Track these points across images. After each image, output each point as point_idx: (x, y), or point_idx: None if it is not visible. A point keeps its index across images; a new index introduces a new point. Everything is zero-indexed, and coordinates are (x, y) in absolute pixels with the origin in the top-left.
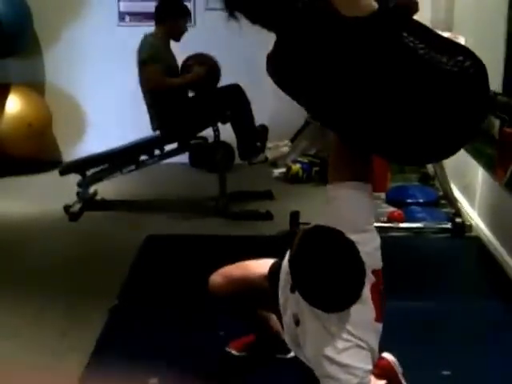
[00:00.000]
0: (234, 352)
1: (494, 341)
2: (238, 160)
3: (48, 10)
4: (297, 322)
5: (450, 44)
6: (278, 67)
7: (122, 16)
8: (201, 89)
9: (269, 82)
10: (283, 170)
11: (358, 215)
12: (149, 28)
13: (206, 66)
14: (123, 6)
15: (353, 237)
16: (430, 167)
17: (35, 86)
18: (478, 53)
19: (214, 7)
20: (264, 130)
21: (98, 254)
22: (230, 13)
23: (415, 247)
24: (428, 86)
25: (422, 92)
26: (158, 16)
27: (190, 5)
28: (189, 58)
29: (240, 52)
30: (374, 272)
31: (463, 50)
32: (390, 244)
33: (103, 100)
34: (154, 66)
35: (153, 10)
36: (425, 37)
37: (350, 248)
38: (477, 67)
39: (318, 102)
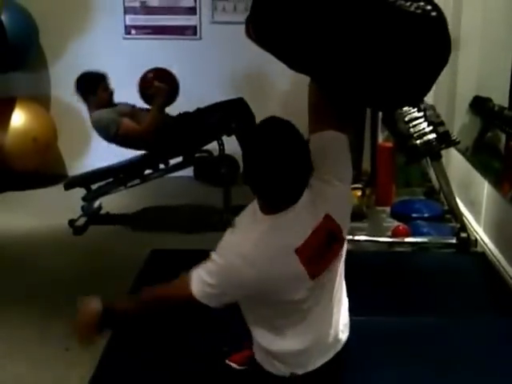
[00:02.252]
0: (234, 366)
1: (497, 357)
2: None
3: (54, 24)
4: None
5: None
6: (260, 25)
7: (128, 29)
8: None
9: (274, 96)
10: None
11: (334, 162)
12: (154, 41)
13: (165, 83)
14: (129, 20)
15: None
16: (435, 181)
17: (40, 99)
18: (484, 67)
19: (220, 20)
20: None
21: (103, 269)
22: None
23: (420, 262)
24: (395, 27)
25: (390, 34)
26: (81, 95)
27: (195, 18)
28: (148, 72)
29: (245, 66)
30: (327, 216)
31: None
32: (395, 259)
33: None
34: (123, 125)
35: (159, 23)
36: None
37: (299, 142)
38: (437, 11)
39: (298, 51)
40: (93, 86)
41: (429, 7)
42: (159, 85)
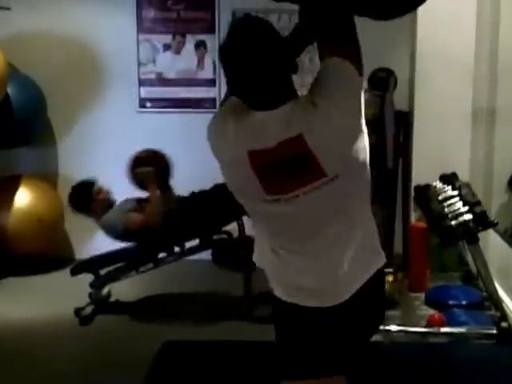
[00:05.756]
0: None
1: None
2: None
3: (63, 97)
4: None
5: None
6: None
7: (142, 102)
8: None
9: None
10: None
11: (328, 87)
12: (171, 115)
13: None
14: (144, 92)
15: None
16: (472, 265)
17: (47, 177)
18: None
19: None
20: None
21: (112, 363)
22: None
23: (457, 354)
24: None
25: None
26: (78, 210)
27: (215, 90)
28: (129, 161)
29: None
30: (299, 137)
31: None
32: (430, 351)
33: (120, 193)
34: (131, 220)
35: (176, 95)
36: None
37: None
38: None
39: None
40: (86, 197)
41: None
42: (142, 170)
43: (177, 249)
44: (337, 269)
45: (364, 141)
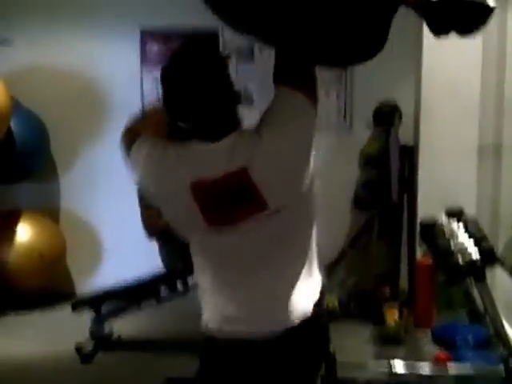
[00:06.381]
0: None
1: None
2: None
3: (66, 131)
4: None
5: None
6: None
7: None
8: None
9: None
10: None
11: (277, 117)
12: None
13: None
14: None
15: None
16: (479, 303)
17: (49, 212)
18: None
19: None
20: None
21: None
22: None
23: None
24: None
25: None
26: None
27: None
28: None
29: None
30: (244, 171)
31: None
32: None
33: (122, 228)
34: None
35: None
36: None
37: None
38: None
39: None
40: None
41: None
42: None
43: (180, 284)
44: (276, 298)
45: (310, 173)
